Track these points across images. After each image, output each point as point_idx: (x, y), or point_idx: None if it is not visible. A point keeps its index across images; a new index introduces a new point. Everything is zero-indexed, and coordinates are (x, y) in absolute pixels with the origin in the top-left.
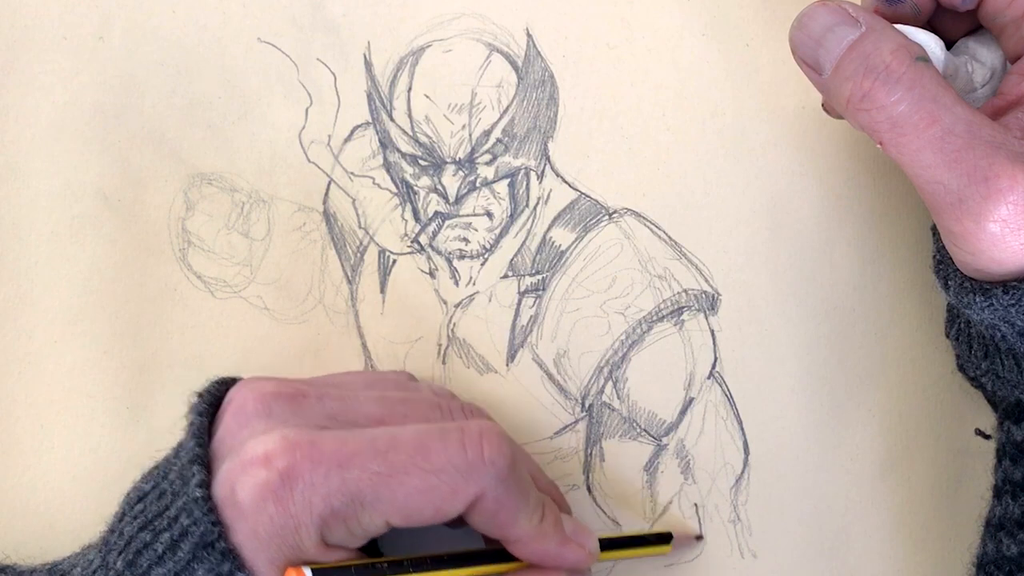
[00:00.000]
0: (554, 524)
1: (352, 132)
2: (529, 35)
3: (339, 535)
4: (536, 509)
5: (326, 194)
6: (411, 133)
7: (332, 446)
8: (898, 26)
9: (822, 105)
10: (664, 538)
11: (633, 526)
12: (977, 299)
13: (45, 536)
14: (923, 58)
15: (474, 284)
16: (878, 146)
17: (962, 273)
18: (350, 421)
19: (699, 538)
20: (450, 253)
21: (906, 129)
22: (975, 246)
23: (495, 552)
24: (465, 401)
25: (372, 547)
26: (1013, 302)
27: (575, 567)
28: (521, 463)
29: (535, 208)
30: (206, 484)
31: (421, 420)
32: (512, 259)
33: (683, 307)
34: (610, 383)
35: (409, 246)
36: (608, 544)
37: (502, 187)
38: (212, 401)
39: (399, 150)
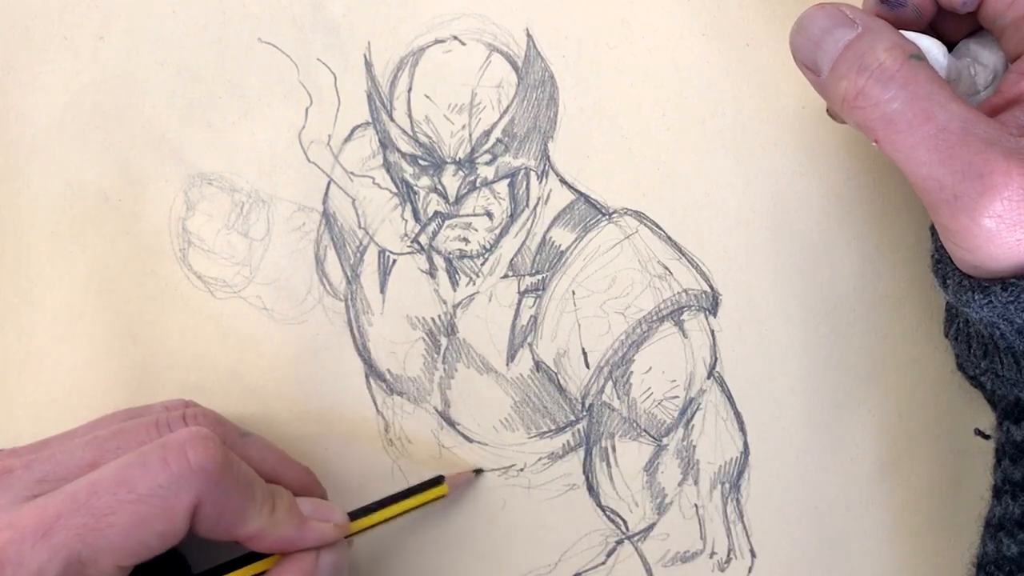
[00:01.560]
0: (288, 511)
1: (352, 132)
2: (529, 35)
3: None
4: (264, 502)
5: (326, 194)
6: (411, 133)
7: (32, 517)
8: (903, 32)
9: (827, 111)
10: (436, 482)
11: (636, 523)
12: (976, 297)
13: None
14: (917, 56)
15: (474, 284)
16: (873, 144)
17: (960, 271)
18: (62, 478)
19: (478, 472)
20: (450, 253)
21: (900, 126)
22: (971, 242)
23: (247, 555)
24: (202, 407)
25: (179, 559)
26: (1012, 299)
27: (321, 543)
28: (236, 462)
29: (535, 208)
30: None
31: (136, 447)
32: (512, 259)
33: (683, 307)
34: (610, 383)
35: (409, 246)
36: (379, 505)
37: (502, 187)
38: None
39: (399, 150)
